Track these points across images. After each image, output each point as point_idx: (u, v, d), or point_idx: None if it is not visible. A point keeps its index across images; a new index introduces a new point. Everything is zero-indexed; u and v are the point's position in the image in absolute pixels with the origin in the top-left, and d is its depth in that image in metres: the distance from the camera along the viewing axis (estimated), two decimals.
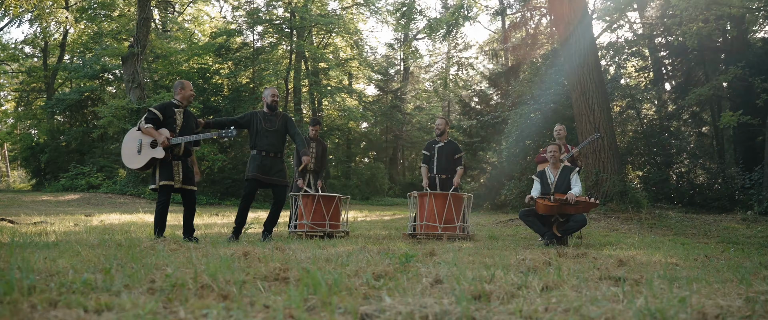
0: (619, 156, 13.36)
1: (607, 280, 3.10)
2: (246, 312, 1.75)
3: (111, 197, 23.99)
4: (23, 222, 10.78)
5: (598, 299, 2.18)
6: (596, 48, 13.62)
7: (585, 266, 3.90)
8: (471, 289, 2.28)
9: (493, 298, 2.19)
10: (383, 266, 3.27)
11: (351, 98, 32.39)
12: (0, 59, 38.57)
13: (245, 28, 31.34)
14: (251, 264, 3.00)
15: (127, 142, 6.51)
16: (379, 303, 1.94)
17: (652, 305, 2.05)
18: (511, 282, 2.60)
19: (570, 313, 1.88)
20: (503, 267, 3.54)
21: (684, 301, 2.10)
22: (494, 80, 23.97)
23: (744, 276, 3.54)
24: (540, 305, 1.97)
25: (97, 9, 33.58)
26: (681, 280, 3.33)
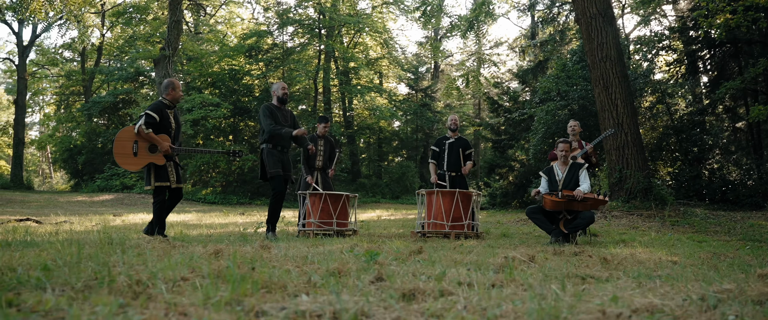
0: (644, 152, 13.04)
1: (574, 278, 3.00)
2: (138, 309, 1.72)
3: (144, 197, 24.44)
4: (48, 222, 11.03)
5: (506, 298, 2.09)
6: (619, 41, 13.31)
7: (564, 264, 3.79)
8: (403, 287, 2.22)
9: (423, 297, 2.12)
10: (351, 264, 3.23)
11: (381, 97, 32.36)
12: (41, 64, 39.69)
13: (275, 28, 31.58)
14: (203, 262, 2.98)
15: (121, 141, 6.39)
16: (292, 300, 1.90)
17: (563, 303, 1.97)
18: (457, 281, 2.53)
19: (474, 313, 1.81)
20: (477, 266, 3.46)
21: (615, 300, 2.01)
22: (522, 77, 23.68)
23: (727, 273, 3.40)
24: (458, 304, 1.90)
25: (132, 13, 34.28)
26: (660, 278, 3.21)
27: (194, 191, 26.07)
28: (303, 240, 6.49)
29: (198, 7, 32.83)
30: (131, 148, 6.41)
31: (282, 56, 30.38)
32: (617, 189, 12.59)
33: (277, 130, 7.08)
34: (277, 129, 7.09)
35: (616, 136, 12.62)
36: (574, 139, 8.70)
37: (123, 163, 6.42)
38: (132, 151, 6.41)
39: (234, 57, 29.86)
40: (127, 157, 6.40)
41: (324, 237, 7.21)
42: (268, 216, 7.32)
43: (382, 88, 33.00)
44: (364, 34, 32.58)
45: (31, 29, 34.22)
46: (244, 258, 3.51)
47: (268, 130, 7.12)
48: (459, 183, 8.39)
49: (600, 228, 10.19)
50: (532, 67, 23.56)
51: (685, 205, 13.13)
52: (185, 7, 31.42)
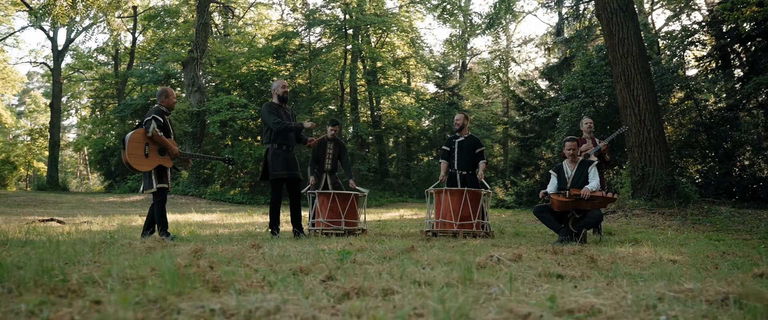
0: (667, 149, 12.76)
1: (544, 277, 2.94)
2: (56, 307, 1.74)
3: (173, 198, 24.81)
4: (71, 223, 11.26)
5: (435, 298, 2.05)
6: (641, 37, 13.04)
7: (544, 264, 3.72)
8: (348, 286, 2.20)
9: (362, 295, 2.10)
10: (323, 263, 3.22)
11: (408, 96, 32.31)
12: (76, 68, 40.62)
13: (303, 29, 31.76)
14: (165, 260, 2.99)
15: (133, 142, 6.50)
16: (219, 298, 1.90)
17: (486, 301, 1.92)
18: (413, 280, 2.49)
19: (389, 311, 1.78)
20: (453, 264, 3.41)
21: (553, 299, 1.95)
22: (548, 74, 23.40)
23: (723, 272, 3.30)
24: (391, 303, 1.87)
25: (164, 16, 34.86)
26: (641, 278, 3.13)
27: (222, 191, 26.38)
28: (303, 240, 6.49)
29: (226, 10, 33.21)
30: (143, 149, 6.53)
31: (309, 57, 30.54)
32: (640, 187, 12.35)
33: (286, 125, 7.13)
34: (285, 124, 7.14)
35: (638, 133, 12.38)
36: (588, 137, 8.56)
37: (135, 164, 6.50)
38: (143, 153, 6.53)
39: (261, 58, 30.13)
40: (139, 157, 6.52)
41: (333, 237, 7.22)
42: (270, 218, 7.40)
43: (409, 88, 32.95)
44: (391, 34, 32.57)
45: (65, 34, 35.04)
46: (222, 256, 3.53)
47: (276, 127, 7.16)
48: (470, 182, 8.31)
49: (619, 226, 10.01)
50: (558, 64, 23.27)
51: (711, 203, 12.81)
52: (213, 9, 31.83)
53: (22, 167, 45.25)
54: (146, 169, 6.60)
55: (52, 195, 25.72)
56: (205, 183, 27.26)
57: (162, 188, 6.66)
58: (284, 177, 7.27)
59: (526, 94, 25.14)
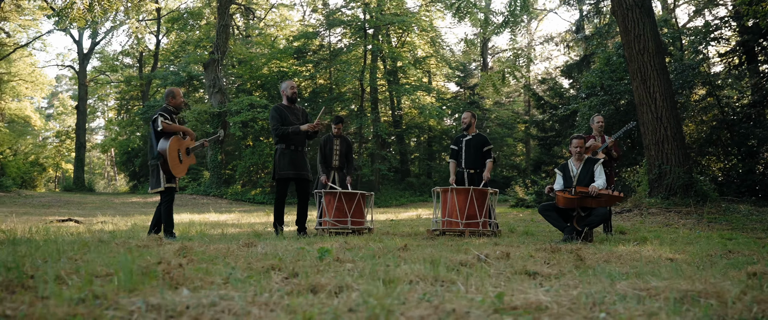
0: (685, 147, 12.56)
1: (518, 275, 2.92)
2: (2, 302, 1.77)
3: (195, 198, 25.10)
4: (88, 223, 11.43)
5: (383, 295, 2.04)
6: (658, 33, 12.85)
7: (527, 262, 3.68)
8: (307, 283, 2.20)
9: (316, 292, 2.10)
10: (302, 262, 3.23)
11: (428, 96, 32.24)
12: (102, 70, 41.28)
13: (323, 29, 31.86)
14: (140, 258, 3.02)
15: (172, 152, 6.56)
16: (172, 295, 1.92)
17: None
18: (377, 277, 2.49)
19: (325, 306, 1.78)
20: (430, 263, 3.40)
21: (501, 297, 1.93)
22: (568, 72, 23.18)
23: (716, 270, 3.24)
24: (336, 300, 1.88)
25: (187, 18, 35.27)
26: (618, 275, 3.09)
27: (244, 191, 26.59)
28: (302, 239, 6.51)
29: (248, 12, 33.46)
30: (177, 156, 6.64)
31: (329, 57, 30.64)
32: (657, 185, 12.18)
33: (282, 130, 7.19)
34: (282, 129, 7.20)
35: (655, 131, 12.22)
36: (598, 135, 8.47)
37: (177, 172, 6.63)
38: (179, 159, 6.66)
39: (282, 59, 30.31)
40: (178, 166, 6.65)
41: (339, 236, 7.24)
42: (274, 217, 7.45)
43: (430, 87, 32.87)
44: (412, 33, 32.52)
45: (90, 38, 35.62)
46: (206, 255, 3.56)
47: (274, 132, 7.28)
48: (478, 181, 8.26)
49: (632, 225, 9.89)
50: (578, 62, 23.05)
51: (730, 202, 12.57)
52: (235, 11, 32.10)
53: (51, 168, 46.15)
54: (183, 174, 6.74)
55: (77, 196, 26.16)
56: (226, 184, 27.49)
57: (170, 188, 6.69)
58: (290, 177, 7.32)
59: (545, 93, 24.95)
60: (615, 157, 8.28)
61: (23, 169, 37.41)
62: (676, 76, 16.41)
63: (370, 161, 28.46)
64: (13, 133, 44.22)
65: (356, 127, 29.65)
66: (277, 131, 7.26)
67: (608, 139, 8.25)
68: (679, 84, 16.17)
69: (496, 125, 34.43)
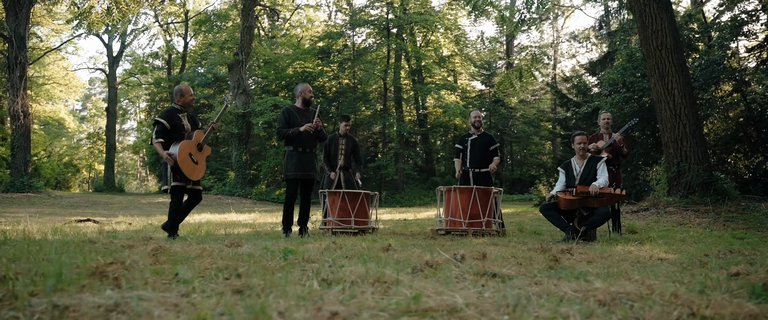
0: (705, 144, 12.30)
1: (475, 276, 2.89)
2: None
3: (220, 198, 25.38)
4: (106, 223, 11.64)
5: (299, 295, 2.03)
6: (676, 28, 12.60)
7: (498, 263, 3.64)
8: (235, 284, 2.22)
9: (243, 292, 2.11)
10: (267, 262, 3.25)
11: (452, 94, 32.10)
12: (133, 73, 42.02)
13: (347, 29, 31.95)
14: (91, 258, 3.06)
15: (183, 162, 6.45)
16: (101, 294, 1.94)
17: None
18: (322, 278, 2.49)
19: (223, 305, 1.78)
20: (395, 263, 3.38)
21: (417, 298, 1.91)
22: (592, 69, 22.87)
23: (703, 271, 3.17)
24: (249, 298, 1.88)
25: (214, 21, 35.67)
26: (580, 275, 3.04)
27: (268, 191, 26.81)
28: (301, 239, 6.52)
29: (273, 13, 33.72)
30: (191, 160, 6.54)
31: (353, 57, 30.71)
32: (675, 183, 11.95)
33: (283, 133, 7.23)
34: (284, 132, 7.24)
35: (673, 128, 11.99)
36: (605, 132, 8.35)
37: (194, 176, 6.55)
38: (194, 161, 6.56)
39: (306, 60, 30.47)
40: (194, 169, 6.56)
41: (342, 235, 7.25)
42: (282, 219, 7.49)
43: (455, 86, 32.73)
44: (436, 32, 32.41)
45: (119, 41, 36.30)
46: (180, 255, 3.58)
47: (277, 134, 7.35)
48: (483, 180, 8.20)
49: (646, 224, 9.72)
50: (601, 59, 22.73)
51: (750, 200, 12.26)
52: (259, 13, 32.37)
53: (84, 170, 47.15)
54: (201, 175, 6.66)
55: (106, 196, 26.66)
56: (251, 184, 27.76)
57: (176, 187, 6.59)
58: (297, 177, 7.34)
59: (570, 90, 24.65)
60: (625, 153, 8.13)
61: (57, 171, 38.32)
62: (700, 72, 16.08)
63: (395, 160, 28.44)
64: (47, 135, 45.34)
65: (380, 127, 29.68)
66: (279, 133, 7.32)
67: (616, 135, 8.12)
68: (702, 80, 15.84)
69: (522, 123, 34.15)
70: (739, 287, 2.61)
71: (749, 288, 2.49)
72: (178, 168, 6.39)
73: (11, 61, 23.35)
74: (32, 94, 38.77)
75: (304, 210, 7.67)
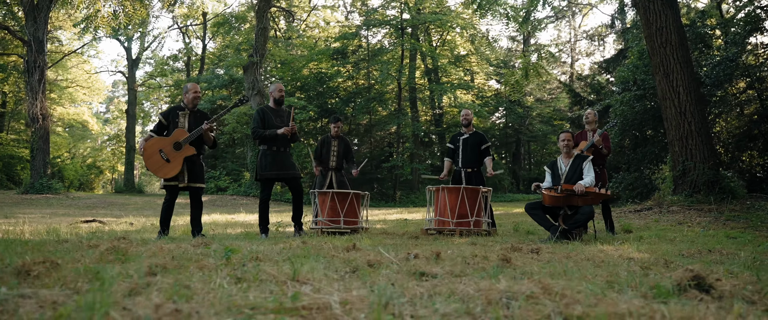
0: (711, 142, 12.10)
1: (407, 276, 2.89)
2: None
3: (235, 199, 25.54)
4: (113, 224, 11.80)
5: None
6: (681, 25, 12.42)
7: (445, 263, 3.64)
8: (137, 283, 2.25)
9: (150, 290, 2.15)
10: (204, 261, 3.29)
11: (468, 94, 31.95)
12: (153, 75, 42.56)
13: (363, 30, 31.97)
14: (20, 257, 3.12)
15: (149, 157, 6.52)
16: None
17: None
18: (238, 278, 2.51)
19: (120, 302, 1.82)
20: (342, 263, 3.40)
21: (296, 296, 1.93)
22: (606, 67, 22.61)
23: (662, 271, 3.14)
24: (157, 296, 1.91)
25: (232, 23, 35.97)
26: (506, 275, 3.02)
27: (283, 192, 26.90)
28: (290, 239, 6.55)
29: (288, 14, 33.89)
30: (160, 157, 6.53)
31: (368, 57, 30.73)
32: (681, 182, 11.78)
33: (260, 133, 7.27)
34: (260, 132, 7.27)
35: (678, 126, 11.82)
36: (590, 129, 8.25)
37: (164, 174, 6.52)
38: (163, 159, 6.53)
39: (321, 61, 30.56)
40: (162, 167, 6.52)
41: (332, 235, 7.27)
42: (258, 220, 7.50)
43: (470, 85, 32.58)
44: (452, 32, 32.30)
45: (138, 43, 36.77)
46: (131, 255, 3.63)
47: (252, 133, 7.37)
48: (475, 180, 8.17)
49: (644, 224, 9.60)
50: (614, 56, 22.46)
51: (756, 199, 12.02)
52: (275, 14, 32.56)
53: (107, 171, 47.87)
54: (175, 172, 6.55)
55: (124, 197, 27.02)
56: None
57: (168, 186, 6.65)
58: (273, 177, 7.37)
59: (583, 89, 24.42)
60: (605, 154, 8.02)
61: (80, 172, 38.97)
62: (711, 69, 15.83)
63: (409, 160, 28.41)
64: (72, 138, 46.12)
65: (395, 126, 29.66)
66: (254, 133, 7.35)
67: (595, 136, 8.02)
68: (714, 77, 15.58)
69: (539, 122, 33.91)
70: (654, 287, 2.58)
71: (660, 288, 2.45)
72: (145, 163, 6.49)
73: (30, 64, 23.78)
74: (55, 96, 39.51)
75: (297, 208, 7.68)
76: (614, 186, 17.61)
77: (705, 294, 2.35)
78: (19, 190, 24.41)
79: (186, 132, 6.71)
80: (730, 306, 2.13)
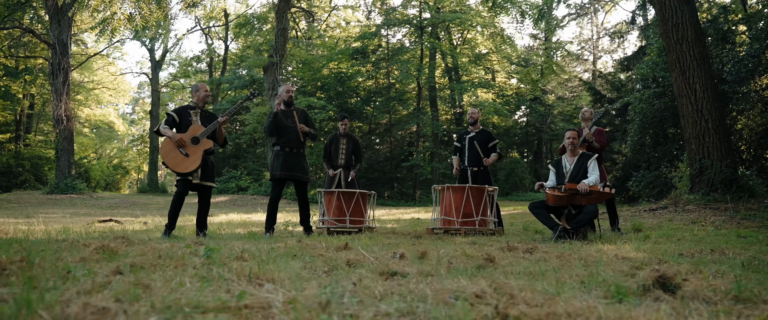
0: (729, 140, 11.87)
1: (379, 275, 2.89)
2: None
3: (256, 198, 25.71)
4: (129, 223, 11.96)
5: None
6: (698, 21, 12.21)
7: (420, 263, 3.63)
8: (98, 281, 2.28)
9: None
10: (183, 260, 3.32)
11: (488, 93, 31.77)
12: (177, 76, 43.06)
13: (383, 29, 31.96)
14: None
15: (167, 154, 6.55)
16: None
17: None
18: (203, 277, 2.54)
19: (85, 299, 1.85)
20: (322, 262, 3.40)
21: (241, 296, 1.94)
22: (627, 64, 22.31)
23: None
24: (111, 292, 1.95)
25: (254, 24, 36.19)
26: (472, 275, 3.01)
27: None
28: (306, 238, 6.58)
29: (309, 15, 34.02)
30: (179, 153, 6.55)
31: (387, 56, 30.71)
32: (698, 181, 11.58)
33: (271, 140, 7.36)
34: (268, 129, 7.36)
35: (695, 124, 11.63)
36: (586, 126, 8.14)
37: (183, 169, 6.56)
38: (183, 154, 6.55)
39: (340, 60, 30.62)
40: (182, 162, 6.55)
41: (339, 234, 7.30)
42: (266, 218, 7.56)
43: (491, 83, 32.40)
44: (472, 30, 32.14)
45: (161, 45, 37.24)
46: (119, 254, 3.68)
47: (264, 131, 7.49)
48: (481, 179, 8.12)
49: (657, 223, 9.47)
50: (635, 54, 22.16)
51: None
52: (295, 15, 32.71)
53: (133, 171, 48.56)
54: (194, 166, 6.55)
55: (146, 197, 27.38)
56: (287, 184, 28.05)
57: (182, 180, 6.66)
58: (282, 177, 7.41)
59: (603, 86, 24.14)
60: (597, 148, 7.86)
61: (107, 172, 39.60)
62: (733, 65, 15.53)
63: (430, 159, 28.34)
64: (98, 138, 46.89)
65: (415, 126, 29.61)
66: (265, 130, 7.49)
67: (585, 131, 7.90)
68: (735, 73, 15.28)
69: (560, 120, 33.59)
70: (607, 287, 2.54)
71: (619, 288, 2.42)
72: (164, 161, 6.53)
73: (55, 67, 24.23)
74: (82, 98, 40.21)
75: (304, 210, 7.74)
76: (634, 185, 17.40)
77: (669, 295, 2.31)
78: (45, 190, 24.90)
79: (202, 126, 6.78)
80: (684, 307, 2.09)
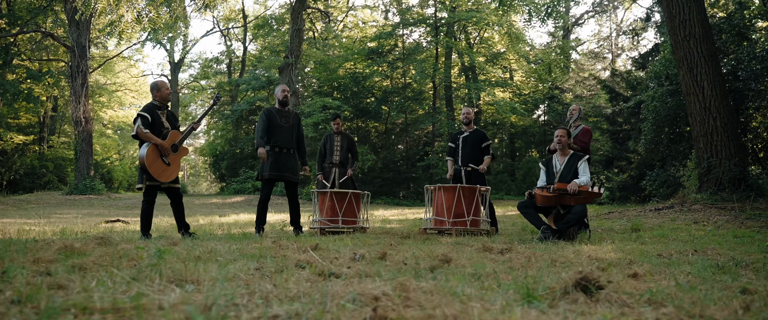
0: (738, 138, 11.65)
1: (313, 275, 2.89)
2: None
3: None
4: (136, 223, 12.09)
5: None
6: (706, 17, 11.99)
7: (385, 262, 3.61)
8: (32, 282, 2.32)
9: (69, 290, 2.20)
10: (141, 260, 3.35)
11: (505, 92, 31.55)
12: (197, 77, 43.47)
13: (398, 29, 31.90)
14: None
15: (153, 163, 6.47)
16: None
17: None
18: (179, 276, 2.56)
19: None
20: (275, 262, 3.41)
21: (137, 296, 1.94)
22: (641, 62, 21.96)
23: None
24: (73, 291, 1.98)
25: (272, 25, 36.41)
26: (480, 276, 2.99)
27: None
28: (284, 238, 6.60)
29: (325, 15, 34.11)
30: (163, 162, 6.54)
31: (403, 56, 30.64)
32: (706, 180, 11.39)
33: (259, 143, 7.32)
34: (258, 142, 7.33)
35: (703, 122, 11.44)
36: (574, 125, 8.03)
37: (166, 177, 6.58)
38: (165, 163, 6.56)
39: (356, 61, 30.63)
40: (165, 171, 6.56)
41: (332, 235, 7.31)
42: (256, 219, 7.57)
43: (508, 82, 32.17)
44: (489, 29, 31.95)
45: (179, 47, 37.62)
46: (71, 253, 3.72)
47: (256, 136, 7.48)
48: (475, 179, 8.07)
49: (658, 222, 9.33)
50: (650, 51, 21.79)
51: None
52: (311, 15, 32.83)
53: None
54: (177, 172, 6.69)
55: (162, 197, 27.54)
56: (301, 184, 28.18)
57: (151, 186, 6.61)
58: (271, 177, 7.43)
59: (618, 84, 23.82)
60: (576, 149, 7.68)
61: (129, 173, 40.07)
62: (748, 62, 15.24)
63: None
64: (121, 140, 47.50)
65: (431, 125, 29.51)
66: (256, 133, 7.46)
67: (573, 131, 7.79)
68: (750, 70, 14.99)
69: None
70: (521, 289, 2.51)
71: (527, 290, 2.38)
72: (146, 169, 6.44)
73: (73, 69, 24.62)
74: (105, 100, 40.78)
75: (294, 210, 7.77)
76: (648, 184, 17.15)
77: (587, 297, 2.27)
78: (65, 191, 25.32)
79: (179, 133, 6.81)
80: (592, 310, 2.05)
